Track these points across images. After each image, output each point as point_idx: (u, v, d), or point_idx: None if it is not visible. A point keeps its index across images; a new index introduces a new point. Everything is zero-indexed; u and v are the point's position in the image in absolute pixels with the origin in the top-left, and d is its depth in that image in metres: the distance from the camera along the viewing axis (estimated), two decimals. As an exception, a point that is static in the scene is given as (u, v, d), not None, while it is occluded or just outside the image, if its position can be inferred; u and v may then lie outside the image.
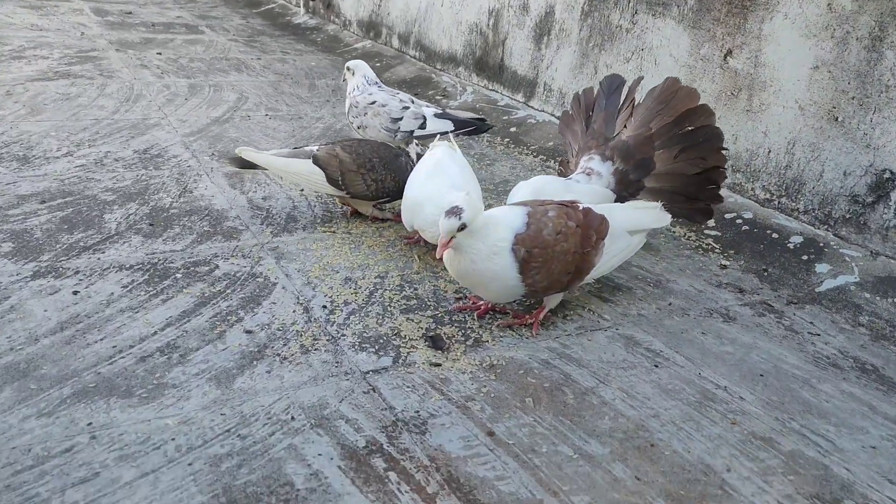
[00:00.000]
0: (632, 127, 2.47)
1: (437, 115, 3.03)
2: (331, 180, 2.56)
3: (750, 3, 2.89)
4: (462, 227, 1.87)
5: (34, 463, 1.46)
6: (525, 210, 2.02)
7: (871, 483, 1.60)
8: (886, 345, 2.17)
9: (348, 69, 3.20)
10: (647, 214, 2.27)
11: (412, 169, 2.56)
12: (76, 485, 1.42)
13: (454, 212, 1.87)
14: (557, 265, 1.99)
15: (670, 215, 2.30)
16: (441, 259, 1.98)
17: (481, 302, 2.17)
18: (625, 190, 2.45)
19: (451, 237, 1.89)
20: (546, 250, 1.96)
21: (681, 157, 2.41)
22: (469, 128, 3.09)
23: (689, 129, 2.40)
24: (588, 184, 2.42)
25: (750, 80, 2.92)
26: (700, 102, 2.41)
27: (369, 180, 2.56)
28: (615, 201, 2.44)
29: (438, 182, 2.32)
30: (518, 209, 2.04)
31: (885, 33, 2.46)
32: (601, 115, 2.55)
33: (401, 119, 3.00)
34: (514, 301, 2.20)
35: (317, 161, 2.57)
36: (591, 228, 2.05)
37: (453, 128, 3.04)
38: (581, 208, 2.08)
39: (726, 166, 2.45)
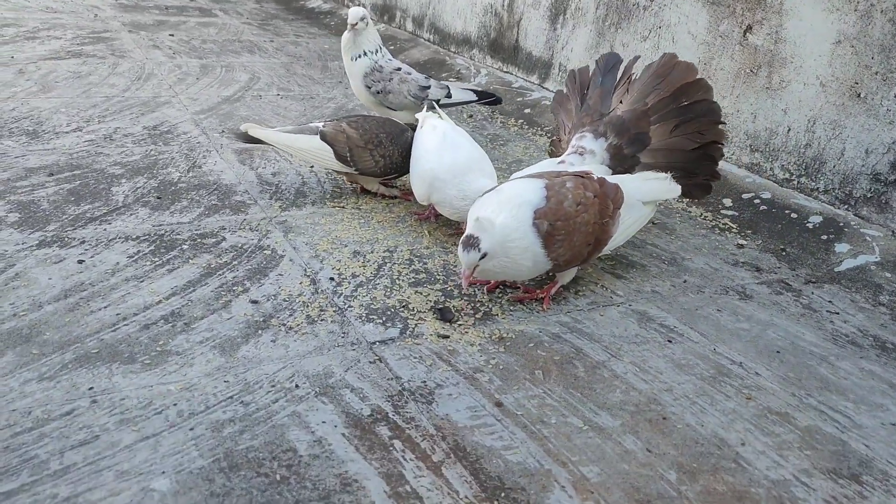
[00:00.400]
0: (628, 102, 2.41)
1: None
2: (339, 156, 2.52)
3: (770, -23, 2.82)
4: (483, 257, 1.84)
5: (34, 425, 1.44)
6: (542, 183, 1.97)
7: (890, 459, 1.55)
8: (908, 324, 2.11)
9: (363, 19, 2.97)
10: (659, 185, 2.23)
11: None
12: (75, 447, 1.39)
13: (472, 244, 1.82)
14: (579, 237, 1.94)
15: (679, 186, 2.25)
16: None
17: None
18: (620, 165, 2.38)
19: (475, 267, 1.85)
20: (568, 222, 1.92)
21: (677, 131, 2.35)
22: (489, 98, 3.18)
23: (686, 103, 2.34)
24: (582, 165, 2.36)
25: (770, 57, 2.85)
26: (698, 76, 2.34)
27: (377, 156, 2.52)
28: None
29: (455, 155, 2.30)
30: (535, 183, 1.98)
31: (911, 6, 2.39)
32: (596, 92, 2.49)
33: (429, 87, 3.02)
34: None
35: (324, 137, 2.53)
36: (609, 198, 2.01)
37: (476, 98, 3.16)
38: (596, 178, 2.03)
39: (724, 141, 2.39)
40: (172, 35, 5.16)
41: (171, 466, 1.36)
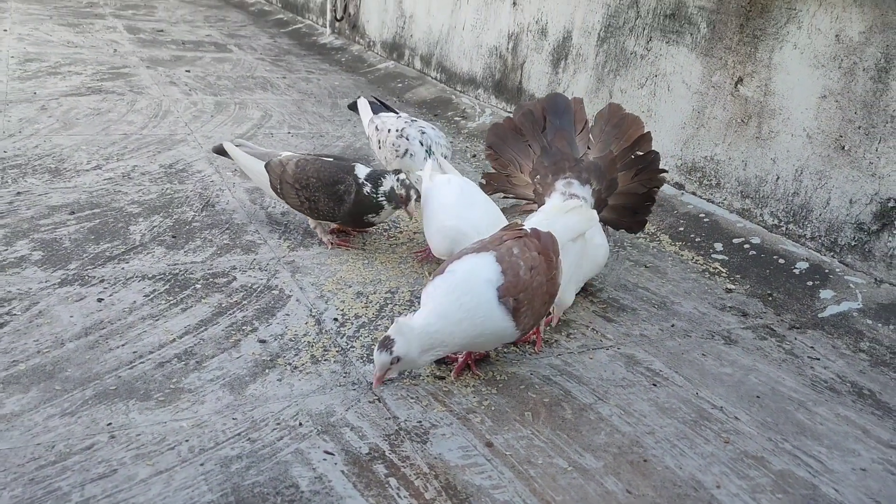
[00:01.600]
0: (595, 149, 2.61)
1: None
2: (272, 187, 2.69)
3: (761, 32, 2.96)
4: (396, 361, 1.79)
5: (56, 459, 1.55)
6: (492, 257, 1.89)
7: (859, 504, 1.64)
8: (885, 370, 2.20)
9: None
10: (577, 219, 2.22)
11: (352, 198, 2.53)
12: (95, 480, 1.50)
13: (385, 345, 1.78)
14: (538, 299, 1.94)
15: (595, 212, 2.34)
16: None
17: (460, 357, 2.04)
18: (597, 208, 2.52)
19: (387, 370, 1.82)
20: (528, 291, 1.89)
21: (636, 178, 2.59)
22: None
23: (641, 153, 2.59)
24: None
25: (760, 108, 2.98)
26: (645, 129, 2.60)
27: (302, 197, 2.62)
28: None
29: (475, 211, 2.37)
30: (486, 258, 1.89)
31: (891, 64, 2.51)
32: (558, 136, 2.59)
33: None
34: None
35: (267, 165, 2.70)
36: (550, 250, 1.99)
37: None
38: (530, 232, 2.00)
39: (660, 186, 2.67)
40: (189, 71, 5.34)
41: (183, 500, 1.47)
